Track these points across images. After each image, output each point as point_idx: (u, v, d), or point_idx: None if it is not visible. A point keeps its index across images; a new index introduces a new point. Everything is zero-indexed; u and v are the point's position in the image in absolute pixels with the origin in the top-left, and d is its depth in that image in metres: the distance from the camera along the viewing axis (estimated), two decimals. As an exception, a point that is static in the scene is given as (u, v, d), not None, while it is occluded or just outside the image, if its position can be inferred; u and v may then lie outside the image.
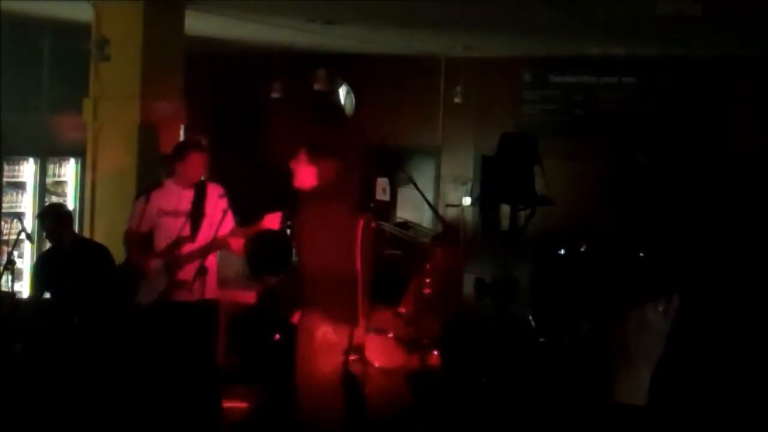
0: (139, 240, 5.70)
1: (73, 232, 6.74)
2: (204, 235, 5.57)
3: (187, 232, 5.56)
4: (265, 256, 5.21)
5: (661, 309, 1.52)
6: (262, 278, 6.59)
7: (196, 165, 5.65)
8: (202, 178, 5.74)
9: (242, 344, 6.82)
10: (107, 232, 7.70)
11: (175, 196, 5.64)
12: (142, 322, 5.66)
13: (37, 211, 9.43)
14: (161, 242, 5.67)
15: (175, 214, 5.62)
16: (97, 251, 6.45)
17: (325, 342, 4.81)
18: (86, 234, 8.06)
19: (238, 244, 5.46)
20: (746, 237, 10.32)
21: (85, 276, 6.16)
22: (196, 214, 5.57)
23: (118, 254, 6.37)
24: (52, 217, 6.49)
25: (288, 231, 5.49)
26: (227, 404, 6.15)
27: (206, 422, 5.69)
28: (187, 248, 5.56)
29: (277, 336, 6.45)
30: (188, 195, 5.64)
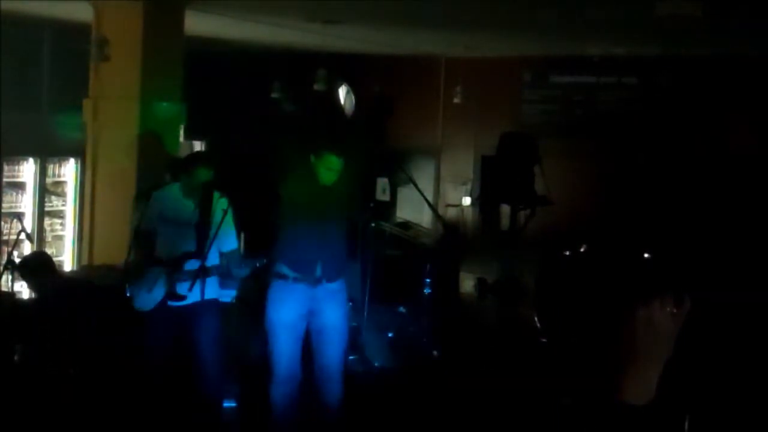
0: (147, 240, 5.65)
1: (56, 279, 6.60)
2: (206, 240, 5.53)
3: (191, 244, 5.50)
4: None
5: (669, 309, 1.51)
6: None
7: (201, 179, 5.58)
8: (207, 186, 5.63)
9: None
10: (107, 232, 7.71)
11: (178, 203, 5.58)
12: (142, 326, 5.63)
13: (37, 211, 9.44)
14: (161, 248, 5.63)
15: (176, 222, 5.55)
16: (81, 295, 6.37)
17: None
18: (86, 234, 8.06)
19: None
20: (747, 237, 10.31)
21: (74, 330, 6.10)
22: (202, 228, 5.51)
23: (118, 253, 6.35)
24: (31, 268, 6.38)
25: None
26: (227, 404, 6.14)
27: (206, 422, 5.68)
28: (191, 263, 5.50)
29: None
30: (191, 203, 5.56)
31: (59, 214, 9.75)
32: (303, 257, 5.38)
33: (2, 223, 8.81)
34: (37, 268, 6.37)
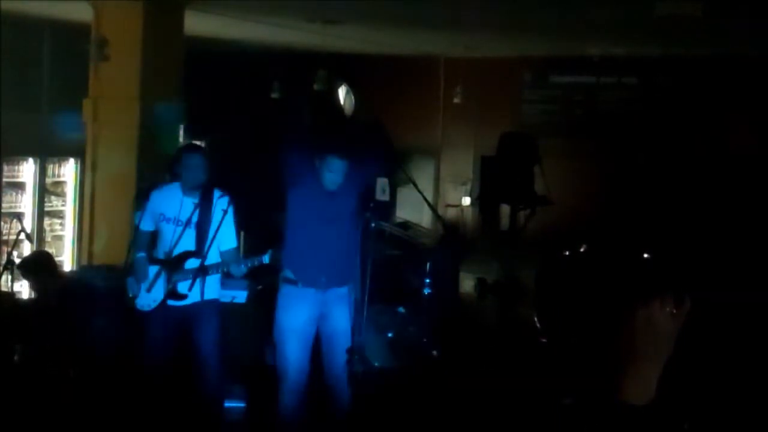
0: (146, 241, 5.65)
1: (58, 279, 6.61)
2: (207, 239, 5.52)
3: (189, 242, 5.50)
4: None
5: (668, 309, 1.51)
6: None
7: (195, 168, 5.57)
8: (207, 184, 5.61)
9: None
10: (107, 232, 7.71)
11: (177, 202, 5.57)
12: (142, 326, 5.63)
13: (37, 211, 9.44)
14: (162, 247, 5.62)
15: (176, 221, 5.55)
16: (82, 299, 6.36)
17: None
18: (86, 234, 8.06)
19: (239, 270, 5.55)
20: (747, 237, 10.31)
21: (75, 330, 6.09)
22: (202, 226, 5.50)
23: (118, 253, 6.35)
24: (33, 267, 6.39)
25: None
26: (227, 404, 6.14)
27: (207, 423, 5.68)
28: (191, 262, 5.49)
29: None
30: (191, 202, 5.55)
31: (59, 214, 9.75)
32: (311, 263, 5.36)
33: (2, 223, 8.81)
34: (39, 266, 6.37)
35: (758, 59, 10.99)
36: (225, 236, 5.52)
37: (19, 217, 8.25)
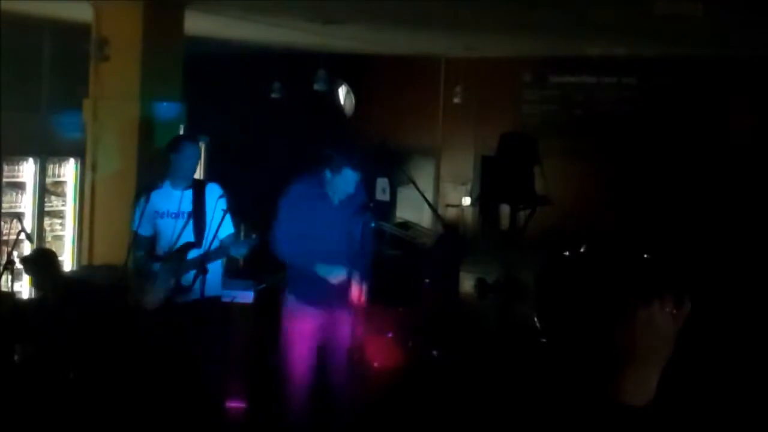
0: (145, 243, 5.67)
1: (59, 277, 6.63)
2: (206, 238, 5.54)
3: (189, 236, 5.52)
4: None
5: (668, 310, 1.52)
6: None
7: (189, 157, 5.61)
8: (201, 178, 5.67)
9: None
10: (107, 232, 7.71)
11: (175, 197, 5.60)
12: (147, 324, 5.64)
13: (37, 211, 9.43)
14: (162, 244, 5.65)
15: (175, 215, 5.58)
16: (84, 297, 6.37)
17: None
18: (86, 234, 8.06)
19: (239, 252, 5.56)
20: (747, 238, 10.31)
21: (76, 330, 6.10)
22: (199, 218, 5.53)
23: (118, 253, 6.35)
24: (36, 264, 6.41)
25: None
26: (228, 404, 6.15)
27: (207, 422, 5.68)
28: (192, 253, 5.52)
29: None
30: (187, 196, 5.59)
31: (59, 214, 9.74)
32: (315, 284, 5.35)
33: (2, 223, 8.80)
34: (41, 263, 6.38)
35: (758, 59, 10.98)
36: (224, 228, 5.57)
37: (19, 217, 8.23)
